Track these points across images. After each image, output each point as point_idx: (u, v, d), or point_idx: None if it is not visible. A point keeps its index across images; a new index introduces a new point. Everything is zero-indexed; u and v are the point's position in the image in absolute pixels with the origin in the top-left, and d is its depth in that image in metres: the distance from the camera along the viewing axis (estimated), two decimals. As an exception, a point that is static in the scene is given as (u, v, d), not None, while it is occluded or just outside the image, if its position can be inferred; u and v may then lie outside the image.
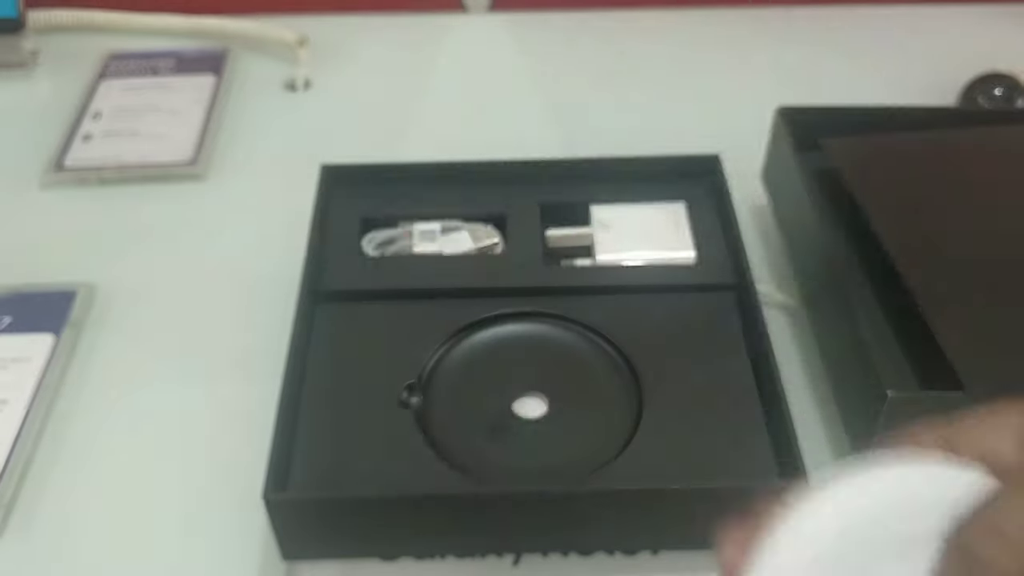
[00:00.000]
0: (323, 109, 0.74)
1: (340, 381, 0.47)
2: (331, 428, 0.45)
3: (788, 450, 0.42)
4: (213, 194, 0.66)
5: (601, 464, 0.43)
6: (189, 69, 0.76)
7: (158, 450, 0.50)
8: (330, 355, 0.48)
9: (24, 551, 0.46)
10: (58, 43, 0.80)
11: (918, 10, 0.83)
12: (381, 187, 0.57)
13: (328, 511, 0.42)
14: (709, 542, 0.43)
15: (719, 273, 0.52)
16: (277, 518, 0.41)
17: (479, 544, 0.44)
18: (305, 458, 0.44)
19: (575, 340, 0.49)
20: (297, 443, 0.44)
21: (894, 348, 0.48)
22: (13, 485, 0.48)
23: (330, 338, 0.49)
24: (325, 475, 0.43)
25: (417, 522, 0.42)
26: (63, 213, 0.65)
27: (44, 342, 0.54)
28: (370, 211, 0.56)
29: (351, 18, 0.83)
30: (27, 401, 0.51)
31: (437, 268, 0.52)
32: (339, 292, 0.51)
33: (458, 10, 0.85)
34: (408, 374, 0.47)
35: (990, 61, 0.71)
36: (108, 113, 0.72)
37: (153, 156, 0.68)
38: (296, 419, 0.45)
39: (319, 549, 0.43)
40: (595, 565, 0.44)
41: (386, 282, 0.52)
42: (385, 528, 0.42)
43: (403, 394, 0.46)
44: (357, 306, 0.51)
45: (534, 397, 0.47)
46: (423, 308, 0.50)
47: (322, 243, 0.53)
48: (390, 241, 0.55)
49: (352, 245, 0.54)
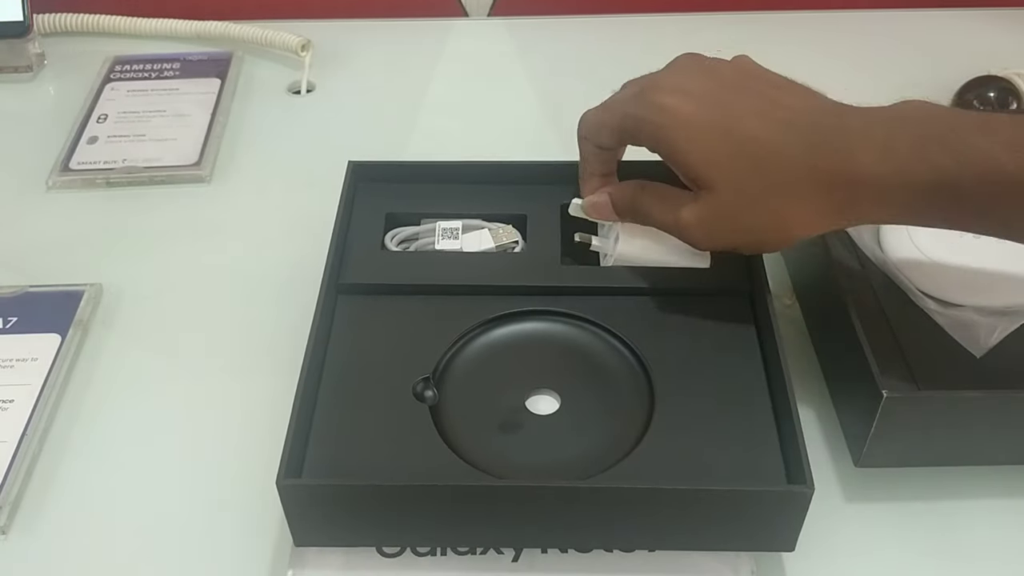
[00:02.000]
0: (326, 113, 0.75)
1: (357, 372, 0.48)
2: (346, 418, 0.46)
3: (796, 458, 0.42)
4: (218, 196, 0.67)
5: (610, 463, 0.44)
6: (194, 73, 0.77)
7: (164, 449, 0.51)
8: (349, 347, 0.49)
9: (31, 549, 0.47)
10: (64, 47, 0.80)
11: (912, 14, 0.83)
12: (405, 184, 0.58)
13: (339, 498, 0.42)
14: (712, 543, 0.44)
15: (733, 278, 0.52)
16: (290, 504, 0.42)
17: (487, 537, 0.44)
18: (319, 447, 0.45)
19: (590, 340, 0.50)
20: (312, 432, 0.45)
21: (890, 349, 0.48)
22: (19, 483, 0.48)
23: (349, 330, 0.50)
24: (338, 464, 0.44)
25: (426, 513, 0.43)
26: (69, 215, 0.65)
27: (50, 342, 0.55)
28: (394, 208, 0.56)
29: (354, 23, 0.84)
30: (33, 400, 0.52)
31: (457, 265, 0.53)
32: (360, 285, 0.52)
33: (459, 15, 0.85)
34: (424, 367, 0.48)
35: (984, 64, 0.71)
36: (114, 116, 0.73)
37: (158, 159, 0.69)
38: (313, 409, 0.46)
39: (330, 536, 0.44)
40: (592, 561, 0.44)
41: (407, 277, 0.52)
42: (394, 517, 0.43)
43: (418, 387, 0.47)
44: (378, 299, 0.51)
45: (547, 394, 0.48)
46: (442, 304, 0.51)
47: (345, 238, 0.54)
48: (413, 238, 0.55)
49: (375, 240, 0.55)
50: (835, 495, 0.48)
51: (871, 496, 0.48)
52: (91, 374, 0.54)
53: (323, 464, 0.44)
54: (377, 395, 0.47)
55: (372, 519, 0.43)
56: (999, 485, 0.48)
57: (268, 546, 0.46)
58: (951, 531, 0.47)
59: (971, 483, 0.48)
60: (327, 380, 0.47)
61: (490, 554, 0.45)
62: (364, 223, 0.55)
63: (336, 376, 0.48)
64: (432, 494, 0.42)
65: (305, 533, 0.43)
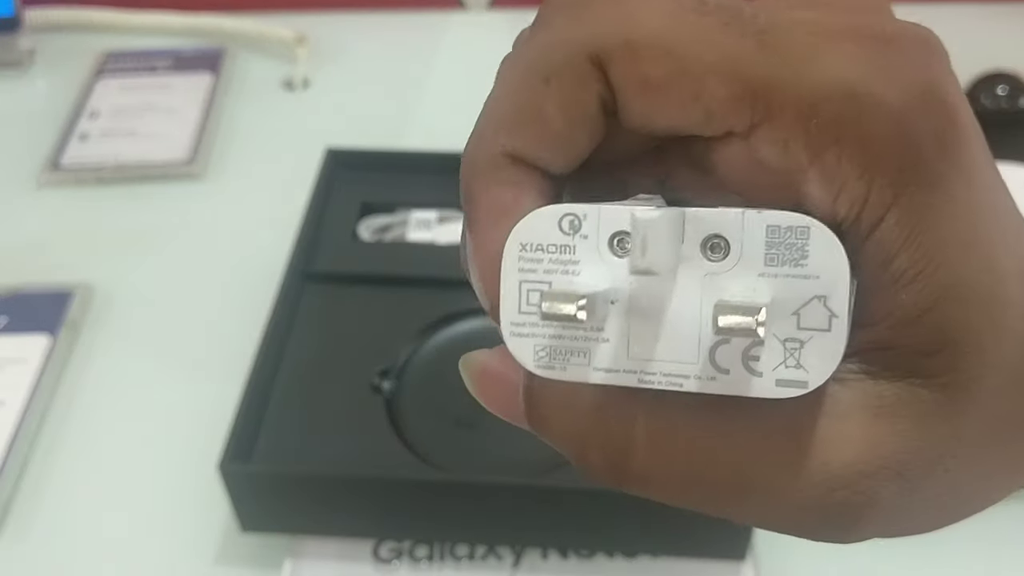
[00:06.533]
0: (321, 108, 0.74)
1: (318, 361, 0.48)
2: (301, 406, 0.46)
3: None
4: (211, 193, 0.66)
5: (563, 462, 0.43)
6: (187, 68, 0.76)
7: (156, 451, 0.50)
8: (313, 335, 0.49)
9: (21, 552, 0.46)
10: (55, 42, 0.79)
11: (921, 9, 0.82)
12: (384, 174, 0.57)
13: (281, 485, 0.42)
14: (656, 548, 0.42)
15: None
16: (233, 489, 0.42)
17: (429, 530, 0.44)
18: (271, 433, 0.45)
19: None
20: (266, 418, 0.45)
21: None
22: (10, 487, 0.48)
23: (314, 318, 0.50)
24: (288, 451, 0.44)
25: (368, 503, 0.43)
26: (60, 213, 0.65)
27: (40, 343, 0.54)
28: (370, 197, 0.56)
29: (349, 16, 0.83)
30: (23, 403, 0.51)
31: (428, 256, 0.53)
32: (329, 274, 0.52)
33: (457, 8, 0.84)
34: (388, 359, 0.47)
35: (993, 60, 0.70)
36: (105, 112, 0.72)
37: (150, 155, 0.68)
38: (269, 394, 0.46)
39: (276, 522, 0.44)
40: (593, 568, 0.44)
41: (376, 267, 0.52)
42: (336, 506, 0.43)
43: (375, 378, 0.46)
44: (345, 288, 0.51)
45: None
46: (409, 295, 0.50)
47: (318, 226, 0.54)
48: (387, 227, 0.55)
49: (349, 229, 0.54)
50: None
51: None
52: (81, 376, 0.54)
53: (271, 451, 0.44)
54: (335, 385, 0.47)
55: (315, 507, 0.43)
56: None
57: (265, 538, 0.46)
58: (954, 530, 0.46)
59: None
60: (286, 367, 0.47)
61: (490, 560, 0.44)
62: (338, 212, 0.55)
63: (296, 364, 0.47)
64: (376, 486, 0.42)
65: (251, 519, 0.43)
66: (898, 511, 0.18)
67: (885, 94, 0.17)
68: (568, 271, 0.18)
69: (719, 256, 0.17)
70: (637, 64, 0.17)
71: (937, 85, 0.18)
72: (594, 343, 0.18)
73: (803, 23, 0.17)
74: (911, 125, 0.17)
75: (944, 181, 0.17)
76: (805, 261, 0.16)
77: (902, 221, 0.17)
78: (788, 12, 0.18)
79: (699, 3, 0.17)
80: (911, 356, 0.17)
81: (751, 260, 0.17)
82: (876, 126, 0.17)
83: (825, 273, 0.16)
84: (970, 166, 0.17)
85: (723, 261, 0.17)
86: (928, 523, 0.20)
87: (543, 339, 0.18)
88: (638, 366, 0.18)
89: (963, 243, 0.17)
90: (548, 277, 0.18)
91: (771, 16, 0.17)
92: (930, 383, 0.17)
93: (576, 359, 0.18)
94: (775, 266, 0.17)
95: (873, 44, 0.17)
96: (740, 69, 0.17)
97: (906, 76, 0.17)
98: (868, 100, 0.17)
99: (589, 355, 0.18)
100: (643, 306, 0.17)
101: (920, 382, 0.18)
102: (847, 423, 0.18)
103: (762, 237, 0.17)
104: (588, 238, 0.17)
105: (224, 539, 0.46)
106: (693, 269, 0.17)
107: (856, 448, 0.18)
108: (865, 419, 0.18)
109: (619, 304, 0.17)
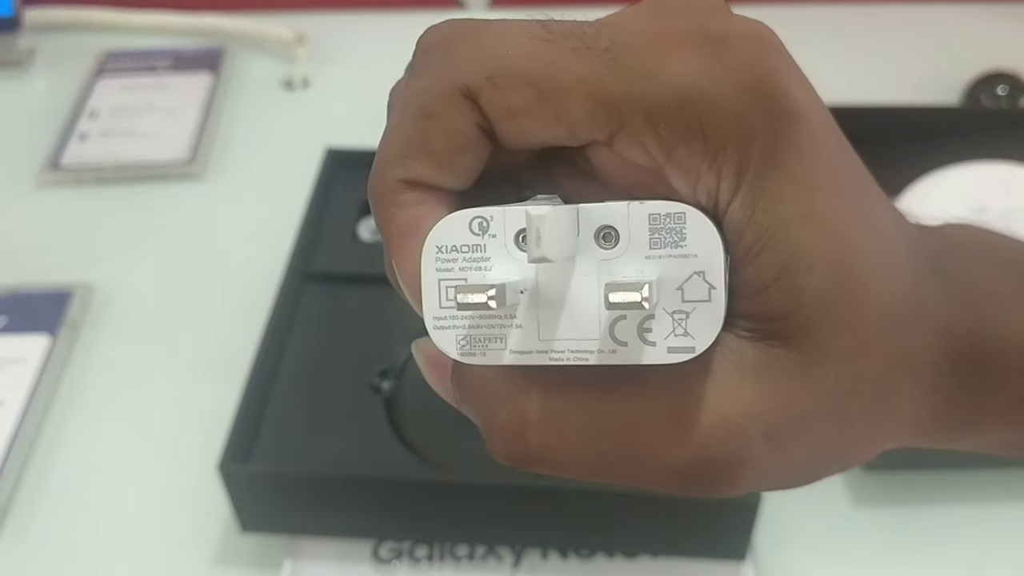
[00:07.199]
0: (321, 107, 0.74)
1: (318, 361, 0.48)
2: (301, 406, 0.46)
3: None
4: (211, 193, 0.66)
5: None
6: (186, 67, 0.76)
7: (156, 452, 0.50)
8: (312, 335, 0.49)
9: (21, 552, 0.46)
10: (55, 42, 0.79)
11: (922, 8, 0.82)
12: None
13: (280, 485, 0.42)
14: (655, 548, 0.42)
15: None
16: (232, 489, 0.42)
17: (429, 530, 0.44)
18: (271, 433, 0.45)
19: None
20: (266, 418, 0.45)
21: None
22: (10, 487, 0.48)
23: (314, 318, 0.50)
24: (287, 451, 0.44)
25: (368, 503, 0.43)
26: (60, 213, 0.64)
27: (40, 343, 0.54)
28: None
29: (349, 16, 0.83)
30: (23, 403, 0.51)
31: None
32: (329, 274, 0.52)
33: (456, 8, 0.84)
34: (385, 359, 0.47)
35: (994, 59, 0.70)
36: (105, 112, 0.71)
37: (150, 155, 0.68)
38: (268, 394, 0.46)
39: (276, 523, 0.44)
40: (594, 568, 0.44)
41: (376, 267, 0.52)
42: (336, 506, 0.43)
43: (375, 378, 0.47)
44: (345, 288, 0.51)
45: None
46: None
47: (318, 226, 0.54)
48: None
49: (348, 229, 0.54)
50: (841, 499, 0.47)
51: (878, 500, 0.47)
52: (81, 376, 0.54)
53: (271, 451, 0.44)
54: (335, 385, 0.47)
55: (314, 507, 0.43)
56: (1015, 488, 0.47)
57: (264, 538, 0.45)
58: (958, 535, 0.46)
59: (982, 486, 0.47)
60: (286, 367, 0.47)
61: (490, 561, 0.44)
62: (338, 212, 0.55)
63: (296, 364, 0.47)
64: (375, 486, 0.42)
65: (249, 519, 0.43)
66: (768, 467, 0.20)
67: (720, 93, 0.19)
68: (481, 267, 0.20)
69: (611, 244, 0.19)
70: (501, 95, 0.20)
71: (768, 77, 0.20)
72: (508, 329, 0.20)
73: (642, 35, 0.20)
74: (745, 117, 0.19)
75: (780, 163, 0.19)
76: (684, 242, 0.19)
77: (744, 203, 0.19)
78: (628, 25, 0.20)
79: (547, 32, 0.20)
80: (768, 321, 0.20)
81: (638, 245, 0.19)
82: (714, 123, 0.19)
83: (702, 251, 0.19)
84: (810, 147, 0.19)
85: (614, 248, 0.19)
86: (798, 478, 0.21)
87: (463, 329, 0.20)
88: (547, 346, 0.20)
89: (803, 216, 0.19)
90: (463, 274, 0.20)
91: (613, 33, 0.20)
92: (787, 345, 0.20)
93: (493, 345, 0.20)
94: (659, 248, 0.19)
95: (707, 46, 0.20)
96: (591, 88, 0.19)
97: (738, 73, 0.19)
98: (704, 101, 0.19)
99: (505, 340, 0.20)
100: (548, 293, 0.20)
101: (778, 344, 0.20)
102: (719, 386, 0.20)
103: (646, 224, 0.19)
104: (496, 237, 0.20)
105: (224, 539, 0.46)
106: (589, 257, 0.20)
107: (726, 408, 0.20)
108: (733, 381, 0.20)
109: (528, 293, 0.20)
